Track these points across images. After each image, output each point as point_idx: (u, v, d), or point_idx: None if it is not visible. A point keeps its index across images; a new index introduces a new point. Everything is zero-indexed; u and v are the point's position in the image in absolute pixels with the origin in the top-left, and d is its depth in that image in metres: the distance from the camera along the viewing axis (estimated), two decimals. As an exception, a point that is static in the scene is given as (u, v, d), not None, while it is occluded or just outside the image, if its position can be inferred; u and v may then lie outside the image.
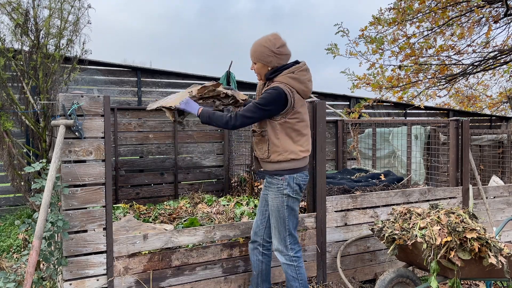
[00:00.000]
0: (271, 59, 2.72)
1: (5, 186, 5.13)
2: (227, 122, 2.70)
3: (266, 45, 2.72)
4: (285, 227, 2.83)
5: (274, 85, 2.69)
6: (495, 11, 7.91)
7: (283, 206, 2.79)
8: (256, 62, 2.77)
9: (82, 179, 2.68)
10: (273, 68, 2.75)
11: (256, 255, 3.05)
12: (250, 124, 2.73)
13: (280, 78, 2.72)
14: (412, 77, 8.51)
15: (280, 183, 2.77)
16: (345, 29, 8.21)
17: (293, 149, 2.74)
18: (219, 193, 5.46)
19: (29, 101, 4.24)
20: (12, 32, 4.15)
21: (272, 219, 2.88)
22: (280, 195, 2.78)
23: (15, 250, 4.33)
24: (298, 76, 2.73)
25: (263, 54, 2.72)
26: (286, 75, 2.72)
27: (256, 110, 2.66)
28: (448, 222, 2.79)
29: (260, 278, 3.07)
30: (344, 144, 6.21)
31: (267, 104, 2.64)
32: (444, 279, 2.88)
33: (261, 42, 2.74)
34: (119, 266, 2.84)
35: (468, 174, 4.25)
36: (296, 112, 2.72)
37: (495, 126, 9.17)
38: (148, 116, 5.16)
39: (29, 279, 2.31)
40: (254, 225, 3.09)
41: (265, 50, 2.71)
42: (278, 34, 2.76)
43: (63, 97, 2.63)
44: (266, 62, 2.73)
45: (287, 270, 2.88)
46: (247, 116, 2.67)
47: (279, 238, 2.86)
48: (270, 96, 2.64)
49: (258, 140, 2.81)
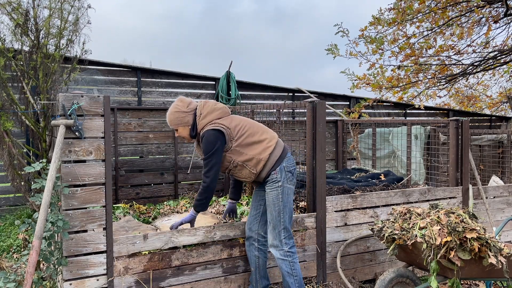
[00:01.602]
0: (186, 120, 2.99)
1: (5, 186, 5.13)
2: (205, 188, 2.94)
3: (177, 110, 2.99)
4: (280, 221, 2.96)
5: (203, 134, 2.93)
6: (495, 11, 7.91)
7: (278, 199, 2.95)
8: (177, 128, 3.02)
9: (82, 179, 2.68)
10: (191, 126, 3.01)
11: (252, 251, 3.14)
12: (217, 171, 2.94)
13: (200, 126, 2.97)
14: (412, 77, 8.51)
15: (275, 177, 2.96)
16: (345, 29, 8.21)
17: (263, 147, 2.96)
18: (219, 193, 5.46)
19: (29, 101, 4.24)
20: (12, 32, 4.15)
21: (268, 214, 3.01)
22: (275, 188, 2.96)
23: (15, 250, 4.33)
24: (206, 112, 2.98)
25: (178, 119, 2.99)
26: (200, 122, 2.97)
27: (209, 159, 2.89)
28: (448, 222, 2.79)
29: (258, 274, 3.14)
30: (344, 144, 6.21)
31: (211, 148, 2.88)
32: (444, 279, 2.88)
33: (173, 110, 3.00)
34: (119, 266, 2.84)
35: (468, 174, 4.25)
36: (237, 130, 2.95)
37: (495, 126, 9.17)
38: (148, 116, 5.16)
39: (29, 279, 2.31)
40: (248, 221, 3.17)
41: (178, 115, 2.99)
42: (182, 97, 3.07)
43: (63, 97, 2.63)
44: (184, 123, 2.99)
45: (282, 265, 2.99)
46: (208, 169, 2.90)
47: (273, 233, 2.98)
48: (208, 143, 2.89)
49: (238, 171, 3.01)
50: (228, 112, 3.07)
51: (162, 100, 6.48)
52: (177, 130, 3.03)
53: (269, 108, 4.30)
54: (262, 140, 2.98)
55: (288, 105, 4.02)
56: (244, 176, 3.02)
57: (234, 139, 2.93)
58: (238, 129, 2.96)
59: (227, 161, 2.97)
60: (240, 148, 2.93)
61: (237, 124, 2.98)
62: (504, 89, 10.61)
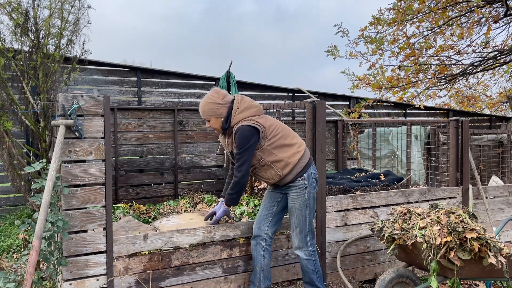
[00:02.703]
0: (220, 111, 2.97)
1: (5, 186, 5.13)
2: (236, 182, 2.95)
3: (212, 101, 2.97)
4: (306, 224, 3.03)
5: (238, 129, 2.92)
6: (495, 11, 7.91)
7: (305, 204, 3.00)
8: (209, 119, 3.01)
9: (82, 179, 2.68)
10: (224, 118, 2.99)
11: (258, 251, 3.13)
12: (249, 166, 2.95)
13: (234, 120, 2.96)
14: (412, 77, 8.51)
15: (302, 183, 2.99)
16: (345, 29, 8.21)
17: (293, 151, 2.98)
18: (219, 193, 5.46)
19: (29, 101, 4.24)
20: (12, 32, 4.15)
21: (294, 219, 3.04)
22: (302, 194, 2.99)
23: (15, 250, 4.33)
24: (243, 108, 2.98)
25: (212, 110, 2.97)
26: (236, 116, 2.96)
27: (243, 154, 2.89)
28: (448, 222, 2.79)
29: (262, 274, 3.13)
30: (344, 144, 6.21)
31: (246, 144, 2.88)
32: (444, 279, 2.88)
33: (208, 101, 2.99)
34: (119, 266, 2.84)
35: (468, 174, 4.25)
36: (271, 130, 2.97)
37: (495, 126, 9.17)
38: (148, 116, 5.16)
39: (29, 279, 2.31)
40: (258, 219, 3.17)
41: (212, 106, 2.97)
42: (217, 88, 3.07)
43: (63, 97, 2.63)
44: (217, 115, 2.98)
45: (307, 264, 3.06)
46: (241, 164, 2.90)
47: (300, 236, 3.05)
48: (243, 138, 2.88)
49: (263, 171, 3.02)
50: (263, 111, 3.08)
51: (162, 100, 6.48)
52: (209, 121, 3.02)
53: (269, 108, 4.30)
54: (293, 144, 3.01)
55: (288, 105, 4.03)
56: (267, 177, 3.03)
57: (268, 138, 2.94)
58: (272, 129, 2.97)
59: (256, 159, 2.97)
60: (271, 148, 2.94)
61: (271, 124, 2.99)
62: (504, 89, 10.62)
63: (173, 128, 5.24)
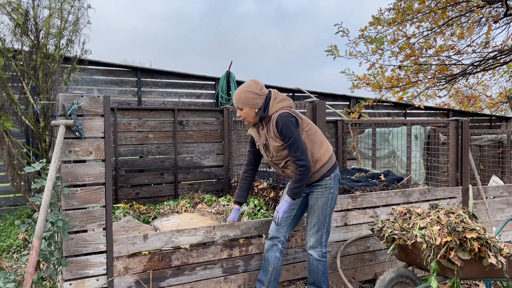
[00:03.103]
0: (256, 102, 2.92)
1: (5, 186, 5.13)
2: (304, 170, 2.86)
3: (250, 90, 2.93)
4: (324, 225, 3.03)
5: (279, 118, 2.87)
6: (495, 11, 7.91)
7: (327, 204, 3.01)
8: (243, 107, 2.95)
9: (82, 179, 2.68)
10: (260, 108, 2.95)
11: (274, 252, 3.12)
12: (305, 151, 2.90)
13: (272, 109, 2.93)
14: (412, 77, 8.51)
15: (329, 183, 3.00)
16: (345, 29, 8.21)
17: (324, 149, 3.00)
18: (219, 193, 5.46)
19: (29, 101, 4.24)
20: (12, 32, 4.15)
21: (313, 218, 3.04)
22: (327, 194, 3.00)
23: (15, 250, 4.33)
24: (280, 98, 2.97)
25: (248, 99, 2.92)
26: (275, 105, 2.94)
27: (296, 141, 2.85)
28: (448, 222, 2.79)
29: (273, 275, 3.12)
30: (344, 144, 6.21)
31: (294, 130, 2.85)
32: (444, 279, 2.88)
33: (245, 89, 2.95)
34: (119, 266, 2.84)
35: (468, 174, 4.25)
36: (306, 124, 2.99)
37: (495, 126, 9.17)
38: (148, 116, 5.16)
39: (29, 279, 2.31)
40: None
41: (250, 95, 2.92)
42: (255, 79, 3.02)
43: (63, 97, 2.63)
44: (253, 105, 2.92)
45: (318, 265, 3.07)
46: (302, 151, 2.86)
47: (316, 236, 3.05)
48: (290, 125, 2.85)
49: (294, 167, 2.94)
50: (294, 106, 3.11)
51: (162, 100, 6.48)
52: (242, 109, 2.95)
53: (269, 108, 4.29)
54: (323, 142, 3.04)
55: (288, 105, 4.02)
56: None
57: (304, 130, 2.95)
58: (306, 123, 3.00)
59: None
60: (306, 141, 2.93)
61: (304, 119, 3.02)
62: (504, 89, 10.62)
63: (173, 128, 5.24)
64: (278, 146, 2.92)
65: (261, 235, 3.33)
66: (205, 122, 5.48)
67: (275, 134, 2.91)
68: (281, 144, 2.91)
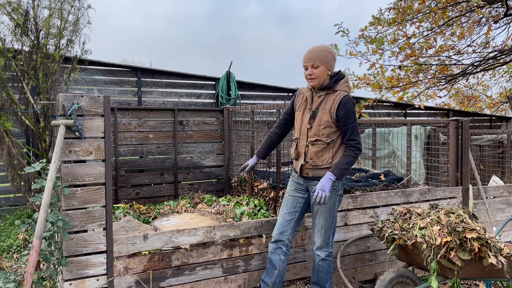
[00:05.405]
0: (332, 64, 2.87)
1: (5, 186, 5.13)
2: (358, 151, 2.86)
3: (329, 51, 2.86)
4: (331, 226, 3.03)
5: (344, 97, 2.82)
6: (495, 11, 7.91)
7: (335, 206, 3.00)
8: (319, 65, 2.83)
9: (82, 179, 2.68)
10: (330, 75, 2.88)
11: (278, 255, 3.10)
12: None
13: (341, 87, 2.88)
14: (412, 77, 8.50)
15: (336, 185, 2.95)
16: (345, 29, 8.21)
17: (341, 153, 2.95)
18: (219, 193, 5.46)
19: (29, 101, 4.24)
20: (12, 32, 4.15)
21: (320, 219, 3.01)
22: (334, 196, 2.96)
23: (15, 250, 4.33)
24: (349, 84, 2.93)
25: (328, 58, 2.84)
26: (344, 84, 2.90)
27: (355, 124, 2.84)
28: (448, 222, 2.79)
29: (278, 277, 3.11)
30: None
31: (355, 113, 2.85)
32: (444, 279, 2.88)
33: (324, 48, 2.87)
34: (119, 266, 2.84)
35: (468, 174, 4.25)
36: None
37: (495, 126, 9.18)
38: (148, 116, 5.16)
39: (29, 279, 2.31)
40: (280, 225, 3.11)
41: (329, 55, 2.85)
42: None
43: (63, 97, 2.63)
44: (329, 66, 2.85)
45: (323, 265, 3.06)
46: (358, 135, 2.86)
47: (324, 237, 3.03)
48: (353, 107, 2.83)
49: (320, 149, 2.91)
50: None
51: (162, 100, 6.48)
52: (317, 67, 2.82)
53: (269, 108, 4.30)
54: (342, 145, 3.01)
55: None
56: (318, 156, 2.93)
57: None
58: None
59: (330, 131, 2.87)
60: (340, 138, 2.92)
61: None
62: (504, 89, 10.62)
63: (173, 128, 5.24)
64: (326, 121, 2.84)
65: (261, 235, 3.33)
66: (205, 122, 5.48)
67: (331, 109, 2.83)
68: (329, 120, 2.84)
